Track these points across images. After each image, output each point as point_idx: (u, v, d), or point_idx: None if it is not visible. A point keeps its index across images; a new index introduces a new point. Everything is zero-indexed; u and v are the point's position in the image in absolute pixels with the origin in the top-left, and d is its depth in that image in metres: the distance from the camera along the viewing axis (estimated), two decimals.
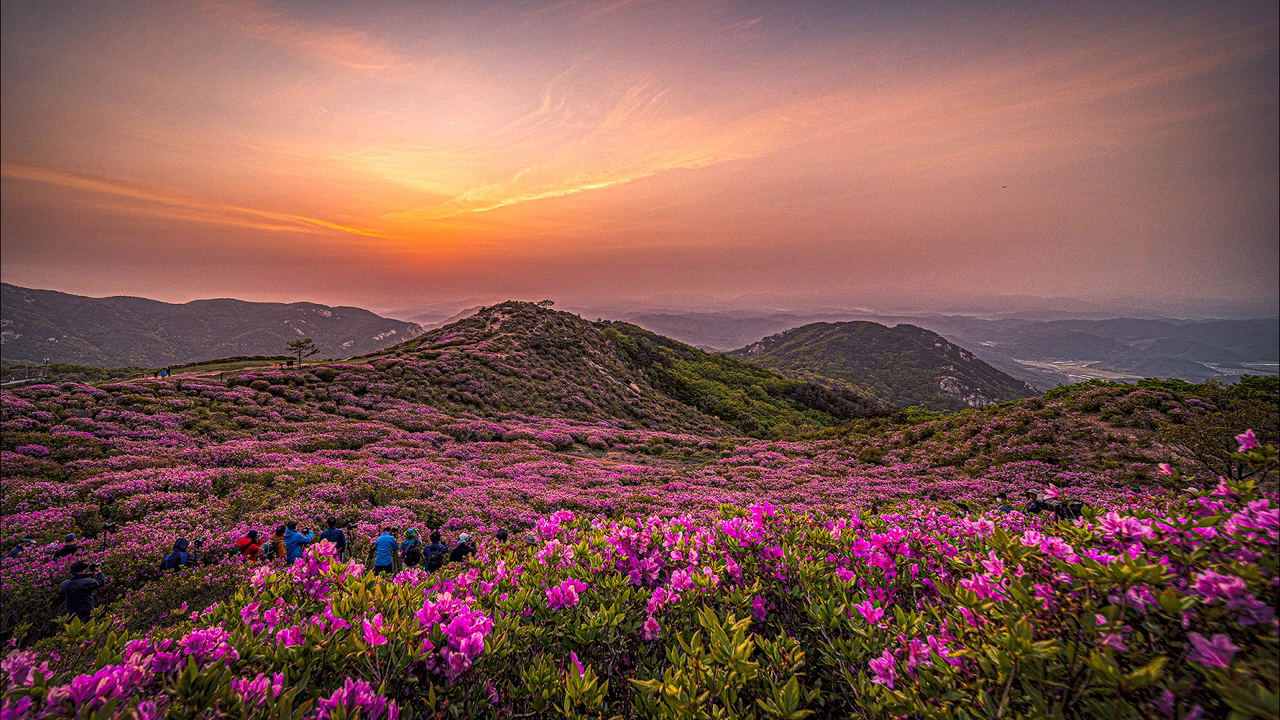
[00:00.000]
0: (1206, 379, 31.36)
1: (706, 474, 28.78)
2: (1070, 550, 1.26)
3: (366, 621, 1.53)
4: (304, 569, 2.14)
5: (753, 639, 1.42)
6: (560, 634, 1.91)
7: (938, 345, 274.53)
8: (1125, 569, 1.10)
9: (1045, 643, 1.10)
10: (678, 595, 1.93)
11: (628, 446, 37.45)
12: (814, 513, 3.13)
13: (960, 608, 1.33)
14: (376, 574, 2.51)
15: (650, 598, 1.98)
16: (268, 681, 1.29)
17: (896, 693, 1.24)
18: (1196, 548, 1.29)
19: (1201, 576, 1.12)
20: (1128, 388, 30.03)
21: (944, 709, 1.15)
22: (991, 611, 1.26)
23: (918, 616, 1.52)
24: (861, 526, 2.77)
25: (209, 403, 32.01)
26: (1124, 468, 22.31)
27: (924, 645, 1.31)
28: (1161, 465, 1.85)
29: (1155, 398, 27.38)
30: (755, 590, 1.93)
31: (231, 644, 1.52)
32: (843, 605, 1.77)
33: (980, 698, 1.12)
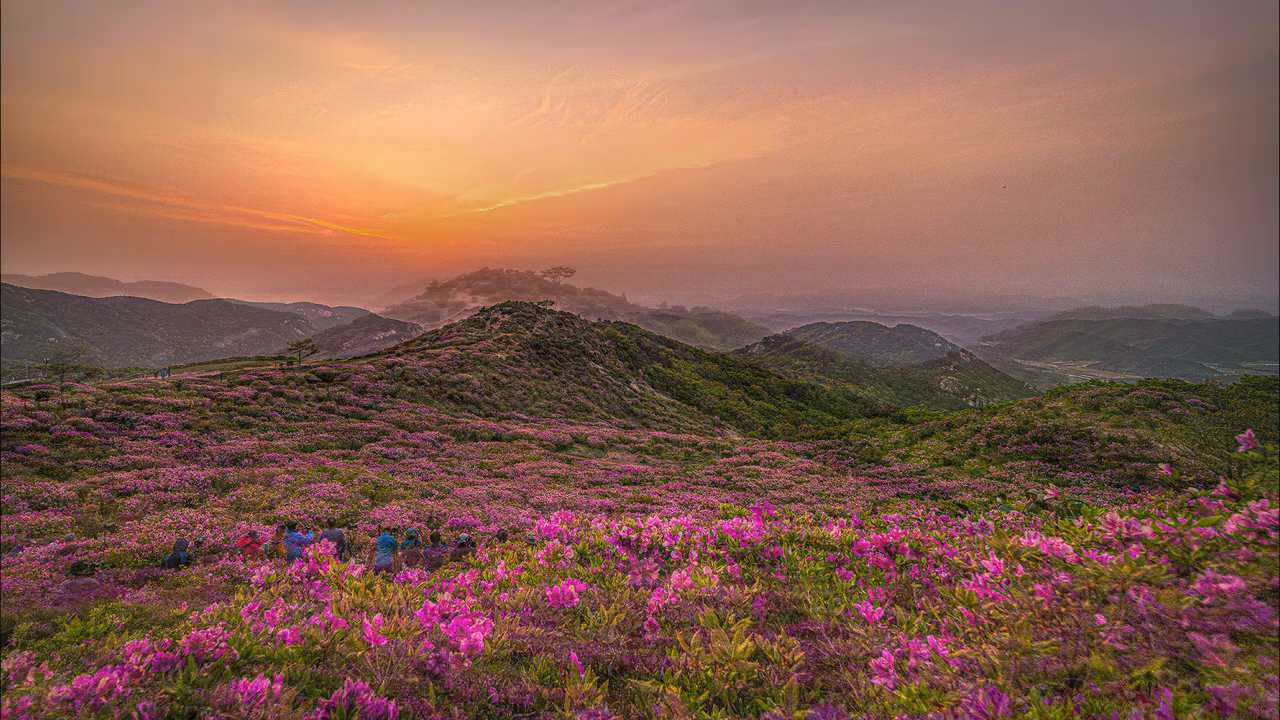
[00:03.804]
0: (1206, 379, 31.37)
1: (706, 474, 28.76)
2: (1070, 550, 1.26)
3: (366, 621, 1.53)
4: (304, 569, 2.14)
5: (753, 639, 1.42)
6: (560, 634, 1.91)
7: (938, 345, 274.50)
8: (1125, 569, 1.10)
9: (1045, 643, 1.10)
10: (678, 595, 1.93)
11: (628, 446, 37.43)
12: (814, 513, 3.13)
13: (960, 608, 1.33)
14: (376, 574, 2.50)
15: (650, 598, 1.98)
16: (268, 681, 1.29)
17: (896, 693, 1.23)
18: (1196, 548, 1.29)
19: (1201, 576, 1.12)
20: (1128, 388, 30.04)
21: (944, 709, 1.15)
22: (991, 611, 1.26)
23: (918, 616, 1.52)
24: (861, 526, 2.77)
25: (209, 403, 31.99)
26: (1124, 468, 22.30)
27: (924, 645, 1.31)
28: (1161, 465, 1.85)
29: (1155, 398, 27.40)
30: (755, 590, 1.93)
31: (231, 644, 1.52)
32: (843, 605, 1.77)
33: (980, 698, 1.12)
